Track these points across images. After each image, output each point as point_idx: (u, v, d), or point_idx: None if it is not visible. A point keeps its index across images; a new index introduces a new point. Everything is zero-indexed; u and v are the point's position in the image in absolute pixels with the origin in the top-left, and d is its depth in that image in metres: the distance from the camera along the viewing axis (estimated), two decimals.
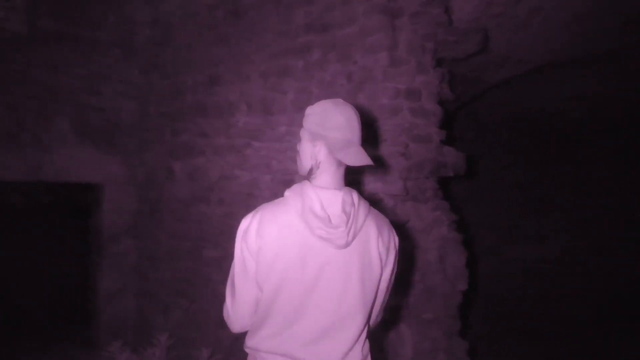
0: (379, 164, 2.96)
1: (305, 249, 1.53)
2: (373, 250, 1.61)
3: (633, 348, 5.05)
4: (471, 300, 5.07)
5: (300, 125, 1.65)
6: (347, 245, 1.54)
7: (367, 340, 1.65)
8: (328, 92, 3.16)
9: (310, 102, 3.37)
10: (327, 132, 1.55)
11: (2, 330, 5.35)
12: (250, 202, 3.63)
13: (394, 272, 1.76)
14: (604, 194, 5.81)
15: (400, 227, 3.19)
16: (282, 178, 3.47)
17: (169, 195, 4.38)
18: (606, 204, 5.79)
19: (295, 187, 1.61)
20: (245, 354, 1.65)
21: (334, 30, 3.16)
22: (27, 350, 4.95)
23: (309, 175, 1.62)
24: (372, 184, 3.02)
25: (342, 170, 1.62)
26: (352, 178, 3.04)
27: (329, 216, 1.54)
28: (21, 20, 4.30)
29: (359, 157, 1.56)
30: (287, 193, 1.59)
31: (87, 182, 4.64)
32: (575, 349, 5.14)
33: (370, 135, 3.01)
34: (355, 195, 1.63)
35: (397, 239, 1.73)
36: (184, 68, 4.30)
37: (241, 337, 1.66)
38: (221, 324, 3.83)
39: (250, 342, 1.60)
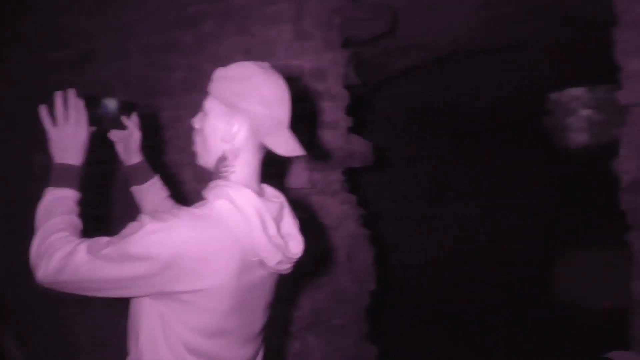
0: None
1: (246, 282, 1.14)
2: None
3: (531, 329, 5.23)
4: (382, 299, 4.94)
5: (189, 107, 1.23)
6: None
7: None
8: None
9: (201, 80, 2.96)
10: (252, 106, 1.12)
11: None
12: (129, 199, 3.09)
13: None
14: (503, 183, 5.98)
15: (304, 224, 2.87)
16: (166, 172, 2.98)
17: (29, 196, 3.65)
18: (503, 193, 5.96)
19: (222, 190, 1.12)
20: None
21: None
22: None
23: (217, 168, 1.18)
24: (281, 176, 2.66)
25: (261, 161, 1.21)
26: None
27: (285, 242, 1.16)
28: None
29: (292, 146, 1.16)
30: (217, 202, 1.11)
31: None
32: (480, 335, 5.21)
33: None
34: (282, 196, 1.29)
35: None
36: (50, 42, 3.61)
37: None
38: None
39: None
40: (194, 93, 2.82)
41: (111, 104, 1.33)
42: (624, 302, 2.03)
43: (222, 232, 1.08)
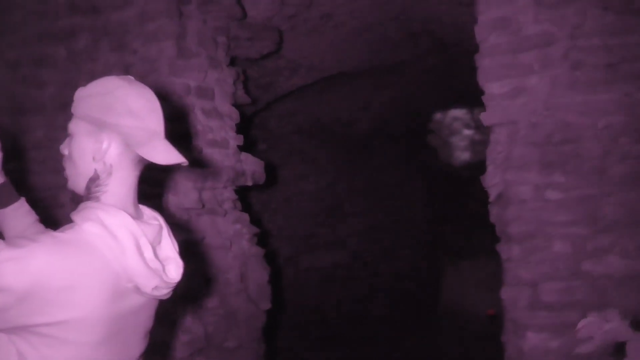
0: (164, 169, 2.52)
1: (120, 310, 1.07)
2: None
3: (419, 342, 5.47)
4: (278, 317, 4.91)
5: (65, 126, 1.15)
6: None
7: None
8: None
9: None
10: (120, 119, 1.06)
11: None
12: None
13: None
14: (390, 200, 6.24)
15: (194, 246, 2.79)
16: (42, 195, 2.75)
17: None
18: (391, 209, 6.22)
19: (92, 212, 1.04)
20: None
21: (106, 12, 2.61)
22: None
23: (88, 189, 1.11)
24: (160, 195, 2.55)
25: (138, 178, 1.15)
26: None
27: (163, 266, 1.10)
28: None
29: (169, 153, 1.10)
30: (86, 226, 1.03)
31: None
32: (370, 349, 5.35)
33: None
34: (161, 217, 1.21)
35: None
36: None
37: None
38: None
39: None
40: (70, 111, 2.65)
41: None
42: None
43: (89, 258, 1.00)
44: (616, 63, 1.85)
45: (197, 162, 2.63)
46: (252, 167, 3.03)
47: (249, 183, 3.02)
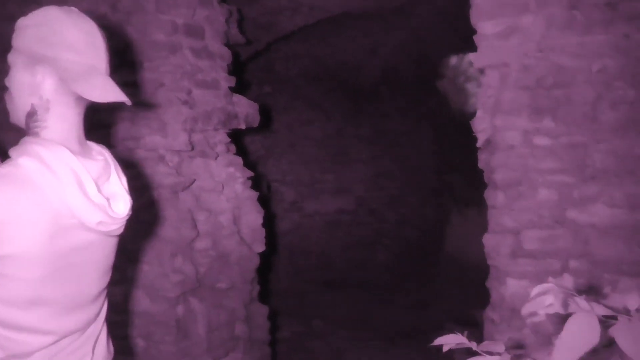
0: (152, 110, 2.48)
1: (65, 247, 1.05)
2: None
3: (421, 287, 5.53)
4: (273, 259, 4.99)
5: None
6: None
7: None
8: None
9: None
10: (56, 53, 1.03)
11: None
12: None
13: None
14: (397, 147, 6.18)
15: (186, 188, 2.79)
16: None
17: None
18: (397, 156, 6.17)
19: (29, 147, 1.03)
20: None
21: None
22: None
23: (27, 125, 1.08)
24: (148, 137, 2.53)
25: (82, 115, 1.12)
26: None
27: (108, 201, 1.08)
28: None
29: (108, 91, 1.07)
30: (22, 160, 1.01)
31: None
32: (374, 293, 5.44)
33: (143, 78, 2.51)
34: (108, 153, 1.19)
35: None
36: None
37: None
38: None
39: None
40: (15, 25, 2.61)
41: None
42: None
43: (25, 193, 0.98)
44: (616, 1, 1.73)
45: (186, 103, 2.59)
46: (245, 109, 2.97)
47: (242, 126, 2.98)
